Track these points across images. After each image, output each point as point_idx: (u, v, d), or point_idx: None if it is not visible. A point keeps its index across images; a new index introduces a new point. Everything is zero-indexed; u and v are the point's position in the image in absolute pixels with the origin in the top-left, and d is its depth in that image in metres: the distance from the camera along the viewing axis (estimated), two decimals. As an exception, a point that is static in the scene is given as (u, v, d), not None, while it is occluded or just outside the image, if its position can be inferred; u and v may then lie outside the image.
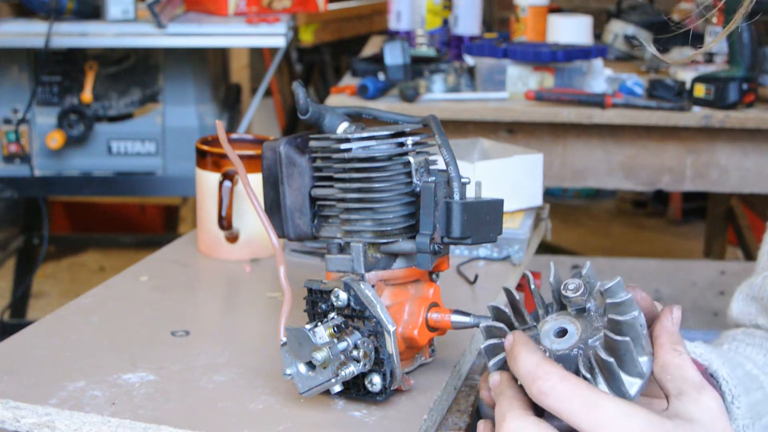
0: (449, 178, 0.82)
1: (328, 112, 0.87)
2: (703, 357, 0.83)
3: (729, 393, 0.80)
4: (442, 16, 2.59)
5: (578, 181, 2.18)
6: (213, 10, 2.59)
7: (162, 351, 0.93)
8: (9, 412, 0.82)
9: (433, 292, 0.86)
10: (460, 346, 0.95)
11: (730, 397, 0.80)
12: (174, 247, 1.24)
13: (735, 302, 0.97)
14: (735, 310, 0.97)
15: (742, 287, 0.97)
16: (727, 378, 0.81)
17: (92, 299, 1.05)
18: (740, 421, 0.79)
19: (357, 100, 2.14)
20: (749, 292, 0.95)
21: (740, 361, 0.86)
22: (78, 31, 2.40)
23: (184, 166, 2.54)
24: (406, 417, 0.82)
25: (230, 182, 1.15)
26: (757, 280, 0.94)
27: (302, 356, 0.79)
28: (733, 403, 0.80)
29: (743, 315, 0.96)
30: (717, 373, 0.81)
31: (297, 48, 4.04)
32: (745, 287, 0.96)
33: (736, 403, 0.80)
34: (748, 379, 0.83)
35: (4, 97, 2.50)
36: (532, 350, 0.65)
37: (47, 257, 3.66)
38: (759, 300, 0.93)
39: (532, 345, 0.66)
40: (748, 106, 2.10)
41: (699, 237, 4.12)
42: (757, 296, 0.93)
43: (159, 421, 0.80)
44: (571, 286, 0.70)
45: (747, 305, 0.95)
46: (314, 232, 0.88)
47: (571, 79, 2.16)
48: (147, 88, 2.57)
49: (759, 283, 0.93)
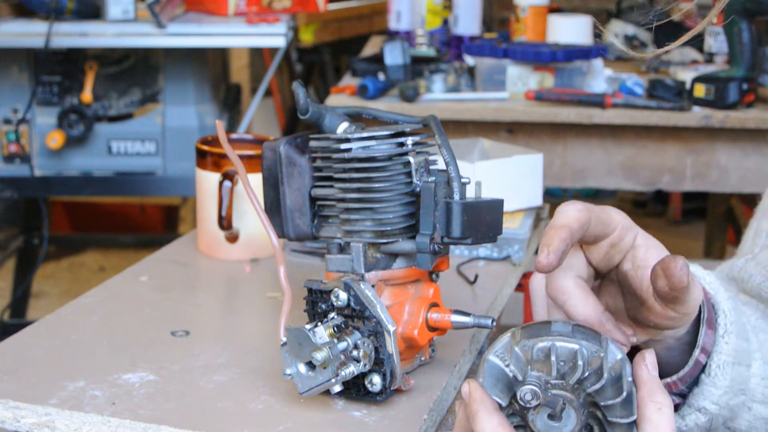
0: (449, 178, 0.82)
1: (328, 112, 0.87)
2: (712, 286, 0.83)
3: (723, 327, 0.80)
4: (442, 16, 2.59)
5: (578, 181, 2.18)
6: (213, 10, 2.59)
7: (162, 351, 0.93)
8: (9, 412, 0.82)
9: (433, 292, 0.86)
10: (460, 346, 0.95)
11: (723, 330, 0.80)
12: (174, 247, 1.24)
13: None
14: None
15: (722, 267, 0.96)
16: (727, 312, 0.81)
17: (92, 299, 1.05)
18: (723, 356, 0.79)
19: (357, 100, 2.14)
20: (729, 273, 0.94)
21: (742, 309, 0.86)
22: (78, 31, 2.40)
23: (184, 166, 2.54)
24: (406, 417, 0.82)
25: (230, 182, 1.15)
26: (739, 262, 0.93)
27: (302, 356, 0.79)
28: (723, 337, 0.80)
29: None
30: (719, 305, 0.81)
31: (297, 48, 4.04)
32: (726, 267, 0.95)
33: (726, 338, 0.80)
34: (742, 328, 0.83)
35: (4, 97, 2.50)
36: (490, 411, 0.65)
37: (47, 257, 3.65)
38: (738, 281, 0.92)
39: (489, 404, 0.66)
40: (748, 106, 2.10)
41: (699, 237, 4.11)
42: (737, 277, 0.93)
43: (159, 421, 0.80)
44: (527, 395, 0.66)
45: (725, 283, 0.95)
46: (314, 232, 0.88)
47: (571, 79, 2.16)
48: (147, 88, 2.57)
49: (740, 265, 0.93)
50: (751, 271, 0.91)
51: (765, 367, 0.83)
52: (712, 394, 0.80)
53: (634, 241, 0.75)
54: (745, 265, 0.92)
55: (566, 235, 0.70)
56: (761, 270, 0.90)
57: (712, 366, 0.80)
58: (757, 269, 0.90)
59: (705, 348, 0.80)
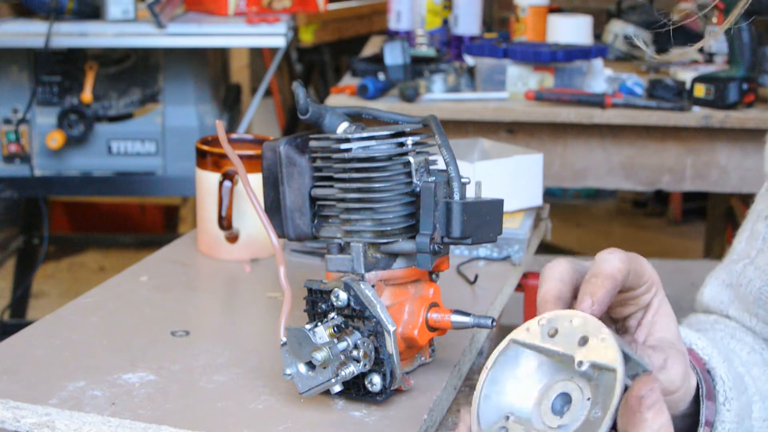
0: (449, 178, 0.82)
1: (328, 112, 0.87)
2: (705, 351, 0.82)
3: (723, 394, 0.79)
4: (442, 16, 2.59)
5: (578, 181, 2.18)
6: (213, 10, 2.59)
7: (162, 351, 0.93)
8: (9, 412, 0.82)
9: (433, 292, 0.86)
10: (460, 346, 0.95)
11: (723, 398, 0.79)
12: (174, 247, 1.24)
13: (708, 287, 0.95)
14: (707, 295, 0.95)
15: (718, 272, 0.95)
16: (724, 378, 0.80)
17: (92, 299, 1.05)
18: (727, 425, 0.79)
19: (357, 100, 2.14)
20: (726, 279, 0.93)
21: (732, 357, 0.85)
22: (78, 31, 2.40)
23: (184, 166, 2.54)
24: (406, 417, 0.82)
25: (230, 182, 1.15)
26: (737, 267, 0.92)
27: (302, 356, 0.79)
28: (724, 405, 0.79)
29: (714, 302, 0.94)
30: (715, 370, 0.81)
31: (297, 48, 4.04)
32: (722, 272, 0.95)
33: (727, 406, 0.79)
34: (739, 381, 0.82)
35: (4, 97, 2.50)
36: None
37: (47, 257, 3.65)
38: (736, 287, 0.91)
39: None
40: (748, 106, 2.10)
41: (699, 237, 4.12)
42: (734, 283, 0.92)
43: (159, 421, 0.80)
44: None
45: (720, 292, 0.94)
46: (314, 232, 0.88)
47: (571, 79, 2.16)
48: (147, 88, 2.57)
49: (738, 270, 0.92)
50: (750, 276, 0.90)
51: (764, 405, 0.83)
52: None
53: (652, 299, 0.75)
54: (743, 270, 0.91)
55: (611, 286, 0.69)
56: (760, 275, 0.89)
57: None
58: (756, 274, 0.90)
59: (708, 421, 0.79)
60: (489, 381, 0.69)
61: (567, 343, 0.67)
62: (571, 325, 0.67)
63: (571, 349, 0.67)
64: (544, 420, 0.68)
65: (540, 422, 0.68)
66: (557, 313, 0.69)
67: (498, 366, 0.70)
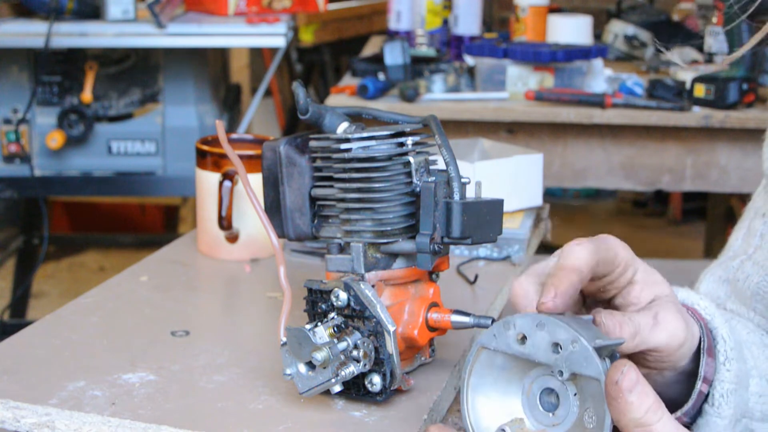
0: (449, 178, 0.82)
1: (328, 112, 0.87)
2: (707, 311, 0.82)
3: (723, 354, 0.79)
4: (442, 16, 2.59)
5: (578, 181, 2.18)
6: (213, 10, 2.59)
7: (162, 351, 0.93)
8: (9, 412, 0.82)
9: (433, 292, 0.86)
10: (460, 346, 0.95)
11: (723, 357, 0.79)
12: (174, 247, 1.24)
13: (704, 283, 0.95)
14: (703, 291, 0.95)
15: (713, 268, 0.95)
16: (726, 338, 0.79)
17: (92, 299, 1.05)
18: (726, 384, 0.78)
19: (357, 100, 2.14)
20: (723, 274, 0.93)
21: (734, 325, 0.85)
22: (78, 31, 2.40)
23: (184, 166, 2.54)
24: (406, 417, 0.82)
25: (230, 182, 1.15)
26: (734, 263, 0.92)
27: (302, 356, 0.79)
28: (724, 364, 0.79)
29: (711, 297, 0.94)
30: (717, 330, 0.80)
31: (297, 48, 4.04)
32: (718, 269, 0.94)
33: (727, 366, 0.78)
34: (739, 348, 0.82)
35: (4, 97, 2.50)
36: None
37: (47, 257, 3.65)
38: (733, 282, 0.91)
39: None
40: (748, 106, 2.10)
41: (699, 237, 4.11)
42: (731, 279, 0.92)
43: (159, 421, 0.80)
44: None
45: (717, 287, 0.93)
46: (314, 232, 0.88)
47: (571, 79, 2.16)
48: (147, 88, 2.57)
49: (736, 266, 0.91)
50: (747, 271, 0.90)
51: (761, 382, 0.82)
52: (717, 425, 0.78)
53: (633, 277, 0.75)
54: (741, 266, 0.91)
55: (576, 279, 0.70)
56: (758, 270, 0.89)
57: (715, 396, 0.78)
58: (754, 269, 0.90)
59: (707, 377, 0.78)
60: (471, 390, 0.71)
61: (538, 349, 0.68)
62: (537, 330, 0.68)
63: (546, 357, 0.67)
64: (537, 418, 0.69)
65: (534, 422, 0.69)
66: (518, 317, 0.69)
67: (475, 375, 0.71)
